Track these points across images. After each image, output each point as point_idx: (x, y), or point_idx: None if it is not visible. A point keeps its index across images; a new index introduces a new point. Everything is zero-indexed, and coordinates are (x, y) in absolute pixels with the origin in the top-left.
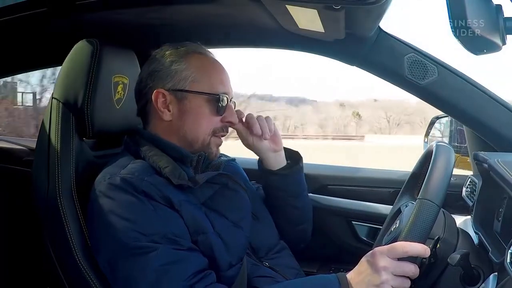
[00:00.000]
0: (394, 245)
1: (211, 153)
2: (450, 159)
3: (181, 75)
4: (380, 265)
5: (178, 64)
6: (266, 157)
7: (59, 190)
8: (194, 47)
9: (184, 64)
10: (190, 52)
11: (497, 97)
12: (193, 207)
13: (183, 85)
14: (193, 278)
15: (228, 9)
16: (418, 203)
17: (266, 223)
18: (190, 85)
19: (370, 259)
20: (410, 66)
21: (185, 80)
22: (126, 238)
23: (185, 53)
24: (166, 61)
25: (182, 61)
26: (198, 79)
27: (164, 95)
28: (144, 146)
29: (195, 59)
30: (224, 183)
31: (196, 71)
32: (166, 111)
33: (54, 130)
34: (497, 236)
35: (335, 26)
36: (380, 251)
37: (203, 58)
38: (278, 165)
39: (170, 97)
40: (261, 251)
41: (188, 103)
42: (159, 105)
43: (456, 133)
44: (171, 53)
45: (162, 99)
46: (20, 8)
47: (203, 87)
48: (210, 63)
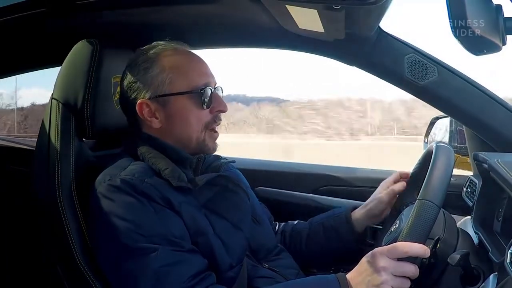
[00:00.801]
0: (394, 245)
1: (209, 149)
2: (450, 159)
3: (157, 80)
4: (380, 266)
5: (152, 70)
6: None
7: (59, 190)
8: (163, 46)
9: (157, 68)
10: (160, 52)
11: (497, 97)
12: (193, 208)
13: (162, 89)
14: (193, 279)
15: (228, 9)
16: (418, 204)
17: (265, 226)
18: (169, 88)
19: (370, 259)
20: (410, 66)
21: (163, 84)
22: (126, 239)
23: (156, 56)
24: (139, 69)
25: (154, 66)
26: (174, 79)
27: (147, 104)
28: (143, 148)
29: (167, 59)
30: (224, 185)
31: (170, 71)
32: (153, 119)
33: (54, 131)
34: (497, 236)
35: (335, 26)
36: (380, 252)
37: (174, 55)
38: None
39: (153, 105)
40: (260, 253)
41: (172, 106)
42: (146, 115)
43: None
44: (142, 60)
45: (146, 109)
46: (20, 8)
47: (182, 86)
48: (183, 58)
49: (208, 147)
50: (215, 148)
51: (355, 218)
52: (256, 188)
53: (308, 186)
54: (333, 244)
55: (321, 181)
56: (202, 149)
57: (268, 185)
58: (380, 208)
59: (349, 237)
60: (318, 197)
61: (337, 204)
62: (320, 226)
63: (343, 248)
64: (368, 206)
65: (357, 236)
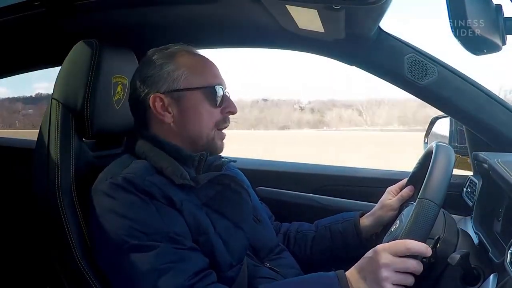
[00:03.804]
0: (397, 242)
1: (217, 148)
2: (450, 159)
3: (173, 75)
4: (382, 262)
5: (168, 65)
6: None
7: (59, 190)
8: (179, 47)
9: (174, 65)
10: (176, 52)
11: (497, 97)
12: (195, 207)
13: (178, 84)
14: (194, 277)
15: (228, 9)
16: (418, 203)
17: (267, 225)
18: (184, 83)
19: (371, 255)
20: (410, 66)
21: (178, 79)
22: (128, 237)
23: (172, 54)
24: (155, 65)
25: (171, 62)
26: (190, 76)
27: (161, 98)
28: (144, 146)
29: (183, 58)
30: (226, 183)
31: (186, 69)
32: (166, 113)
33: (54, 131)
34: (497, 236)
35: (335, 26)
36: (382, 248)
37: (190, 55)
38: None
39: (167, 99)
40: (262, 252)
41: (186, 101)
42: (158, 109)
43: (456, 133)
44: (158, 57)
45: (160, 103)
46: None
47: (197, 82)
48: (198, 59)
49: (216, 145)
50: (223, 148)
51: (364, 225)
52: (256, 188)
53: (308, 186)
54: (338, 249)
55: (321, 181)
56: (211, 147)
57: (268, 185)
58: (390, 216)
59: (355, 243)
60: (318, 197)
61: (337, 204)
62: (327, 230)
63: (348, 254)
64: (377, 213)
65: (364, 243)
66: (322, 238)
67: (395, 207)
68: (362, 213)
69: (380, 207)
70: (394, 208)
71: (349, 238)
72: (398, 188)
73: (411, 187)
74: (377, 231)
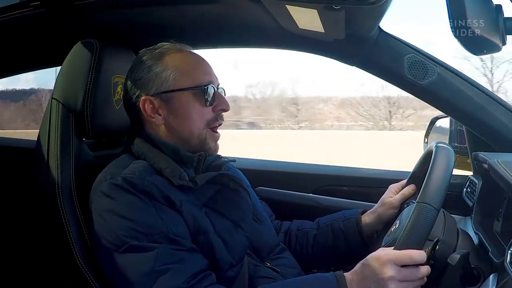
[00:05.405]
0: (401, 253)
1: (210, 149)
2: (450, 161)
3: (162, 77)
4: (388, 275)
5: (156, 67)
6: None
7: (59, 190)
8: (168, 47)
9: (162, 66)
10: (165, 52)
11: (497, 97)
12: (194, 207)
13: (166, 86)
14: (193, 279)
15: (228, 9)
16: (417, 207)
17: (267, 224)
18: (173, 84)
19: (377, 266)
20: (410, 66)
21: (167, 81)
22: (127, 237)
23: (161, 55)
24: (144, 66)
25: (159, 64)
26: (179, 76)
27: (151, 101)
28: (143, 147)
29: (171, 58)
30: (225, 183)
31: (175, 69)
32: (156, 115)
33: (54, 131)
34: (497, 236)
35: (335, 26)
36: (387, 260)
37: (179, 55)
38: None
39: (156, 101)
40: (263, 252)
41: (176, 102)
42: (148, 112)
43: (456, 133)
44: (147, 58)
45: (149, 105)
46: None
47: (186, 83)
48: (187, 58)
49: (209, 146)
50: (217, 149)
51: (365, 223)
52: (256, 188)
53: (308, 186)
54: (340, 246)
55: (321, 181)
56: (203, 147)
57: (268, 185)
58: (390, 213)
59: (356, 241)
60: (318, 197)
61: (337, 204)
62: (329, 227)
63: (349, 252)
64: (378, 211)
65: (365, 240)
66: (323, 236)
67: (395, 205)
68: (363, 211)
69: (381, 205)
70: (395, 206)
71: (350, 235)
72: (400, 186)
73: (413, 186)
74: (378, 228)
